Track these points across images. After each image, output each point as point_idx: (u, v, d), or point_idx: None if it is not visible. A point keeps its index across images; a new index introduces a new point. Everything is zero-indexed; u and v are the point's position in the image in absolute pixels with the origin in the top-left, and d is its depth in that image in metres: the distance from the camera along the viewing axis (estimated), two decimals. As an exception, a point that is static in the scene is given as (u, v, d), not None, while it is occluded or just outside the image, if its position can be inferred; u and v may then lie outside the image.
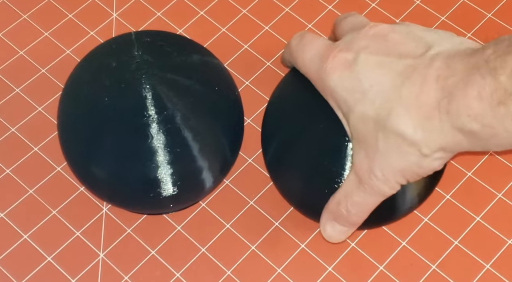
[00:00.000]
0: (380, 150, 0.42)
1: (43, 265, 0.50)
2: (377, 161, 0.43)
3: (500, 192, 0.53)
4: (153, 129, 0.45)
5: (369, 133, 0.43)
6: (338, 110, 0.45)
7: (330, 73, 0.44)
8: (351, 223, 0.47)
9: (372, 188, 0.44)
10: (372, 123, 0.42)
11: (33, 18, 0.60)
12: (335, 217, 0.47)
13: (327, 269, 0.50)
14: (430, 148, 0.41)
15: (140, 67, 0.46)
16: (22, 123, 0.55)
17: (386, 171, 0.43)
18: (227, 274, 0.50)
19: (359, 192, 0.45)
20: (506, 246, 0.51)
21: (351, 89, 0.43)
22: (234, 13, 0.60)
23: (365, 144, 0.43)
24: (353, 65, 0.43)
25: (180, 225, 0.52)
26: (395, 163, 0.42)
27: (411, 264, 0.50)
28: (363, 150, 0.43)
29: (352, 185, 0.45)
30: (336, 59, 0.44)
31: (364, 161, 0.43)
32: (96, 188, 0.48)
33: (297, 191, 0.49)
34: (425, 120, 0.40)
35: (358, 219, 0.46)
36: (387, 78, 0.42)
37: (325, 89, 0.45)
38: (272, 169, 0.50)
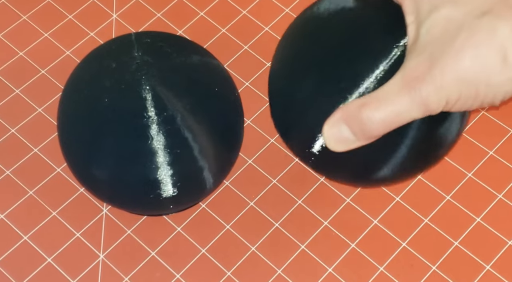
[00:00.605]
0: (454, 49, 0.37)
1: (43, 266, 0.50)
2: (444, 62, 0.37)
3: (501, 193, 0.53)
4: (153, 131, 0.45)
5: (447, 34, 0.38)
6: (411, 14, 0.40)
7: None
8: (364, 133, 0.40)
9: (418, 92, 0.38)
10: (455, 25, 0.38)
11: (33, 19, 0.60)
12: (349, 119, 0.40)
13: (327, 270, 0.50)
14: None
15: (140, 68, 0.46)
16: (22, 124, 0.55)
17: (448, 75, 0.37)
18: (227, 275, 0.50)
19: (398, 97, 0.38)
20: (507, 246, 0.51)
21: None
22: (234, 14, 0.60)
23: (435, 44, 0.38)
24: None
25: (180, 226, 0.52)
26: (466, 67, 0.37)
27: (411, 265, 0.50)
28: (427, 51, 0.38)
29: (394, 87, 0.39)
30: None
31: (423, 63, 0.38)
32: (96, 189, 0.48)
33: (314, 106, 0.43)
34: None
35: (377, 129, 0.39)
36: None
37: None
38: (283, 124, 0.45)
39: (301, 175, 0.53)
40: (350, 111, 0.40)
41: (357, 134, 0.40)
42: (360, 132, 0.40)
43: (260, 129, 0.55)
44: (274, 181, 0.53)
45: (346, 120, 0.40)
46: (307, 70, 0.43)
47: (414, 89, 0.38)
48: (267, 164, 0.54)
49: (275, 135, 0.55)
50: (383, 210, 0.52)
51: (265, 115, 0.55)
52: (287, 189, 0.53)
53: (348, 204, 0.52)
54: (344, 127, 0.40)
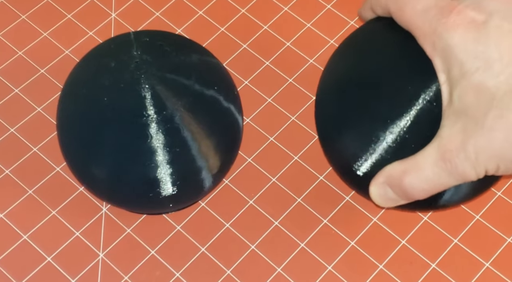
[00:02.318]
0: (485, 127, 0.37)
1: (43, 265, 0.50)
2: (476, 139, 0.38)
3: (500, 190, 0.53)
4: (152, 129, 0.45)
5: (478, 106, 0.38)
6: (443, 72, 0.40)
7: (452, 29, 0.39)
8: (407, 197, 0.42)
9: (455, 167, 0.39)
10: (488, 96, 0.37)
11: (32, 18, 0.60)
12: (393, 184, 0.42)
13: (326, 268, 0.50)
14: None
15: (139, 67, 0.46)
16: (22, 123, 0.55)
17: (483, 151, 0.38)
18: (227, 273, 0.50)
19: (436, 168, 0.39)
20: (506, 244, 0.51)
21: (473, 53, 0.38)
22: (233, 12, 0.60)
23: (468, 117, 0.38)
24: (482, 28, 0.38)
25: (179, 224, 0.52)
26: (498, 146, 0.37)
27: (410, 263, 0.50)
28: (460, 122, 0.38)
29: (430, 158, 0.39)
30: (462, 15, 0.39)
31: (457, 135, 0.38)
32: (95, 188, 0.48)
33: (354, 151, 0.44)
34: None
35: (417, 195, 0.41)
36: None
37: (436, 46, 0.40)
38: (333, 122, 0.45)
39: (301, 173, 0.53)
40: (393, 177, 0.41)
41: (400, 196, 0.42)
42: (404, 196, 0.42)
43: (260, 128, 0.55)
44: (273, 179, 0.53)
45: (390, 185, 0.42)
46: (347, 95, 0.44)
47: (450, 163, 0.39)
48: (266, 162, 0.54)
49: (274, 133, 0.55)
50: (382, 208, 0.52)
51: (264, 113, 0.56)
52: (286, 187, 0.53)
53: (347, 202, 0.52)
54: (388, 189, 0.42)
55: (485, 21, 0.38)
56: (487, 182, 0.44)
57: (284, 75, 0.57)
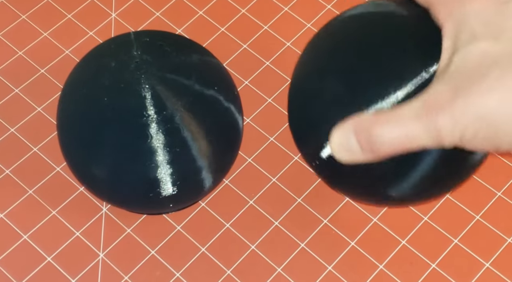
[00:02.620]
0: (483, 86, 0.36)
1: (43, 265, 0.50)
2: (468, 96, 0.36)
3: (500, 191, 0.53)
4: (152, 129, 0.45)
5: (479, 69, 0.37)
6: (450, 38, 0.39)
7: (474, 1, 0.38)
8: (371, 149, 0.38)
9: (434, 123, 0.37)
10: (491, 61, 0.37)
11: (32, 18, 0.60)
12: (360, 131, 0.38)
13: (327, 268, 0.50)
14: None
15: (139, 67, 0.46)
16: (22, 123, 0.55)
17: (469, 110, 0.36)
18: (227, 273, 0.50)
19: (414, 120, 0.37)
20: (506, 244, 0.51)
21: (489, 24, 0.38)
22: (233, 12, 0.60)
23: (465, 76, 0.37)
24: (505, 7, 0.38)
25: (180, 224, 0.52)
26: (490, 107, 0.36)
27: (411, 263, 0.50)
28: (454, 81, 0.37)
29: (412, 110, 0.37)
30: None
31: (447, 92, 0.37)
32: (95, 188, 0.48)
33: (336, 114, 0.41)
34: None
35: (384, 149, 0.38)
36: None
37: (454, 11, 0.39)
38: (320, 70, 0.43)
39: (301, 173, 0.53)
40: (362, 123, 0.38)
41: (363, 148, 0.39)
42: (367, 147, 0.38)
43: (260, 128, 0.55)
44: (273, 180, 0.53)
45: (356, 131, 0.39)
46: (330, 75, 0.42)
47: (430, 116, 0.37)
48: (266, 163, 0.54)
49: (274, 133, 0.55)
50: (382, 208, 0.52)
51: (264, 113, 0.56)
52: (286, 187, 0.53)
53: (347, 202, 0.52)
54: (352, 137, 0.39)
55: (508, 1, 0.38)
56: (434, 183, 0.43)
57: (284, 76, 0.57)
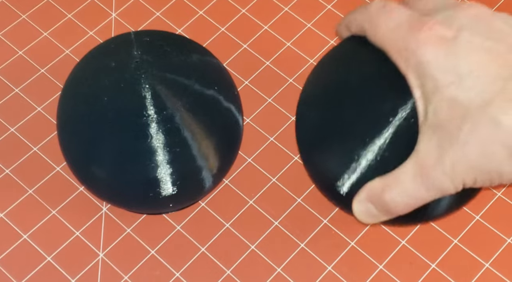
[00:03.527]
0: (460, 140, 0.38)
1: (43, 265, 0.50)
2: (452, 152, 0.38)
3: (499, 191, 0.53)
4: (152, 129, 0.45)
5: (452, 120, 0.38)
6: (417, 88, 0.40)
7: (424, 45, 0.39)
8: (388, 212, 0.42)
9: (432, 181, 0.39)
10: (460, 110, 0.38)
11: (32, 18, 0.60)
12: (374, 200, 0.42)
13: (326, 268, 0.50)
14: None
15: (139, 67, 0.46)
16: (22, 123, 0.55)
17: (458, 165, 0.38)
18: (226, 273, 0.50)
19: (414, 183, 0.40)
20: (506, 244, 0.51)
21: (445, 69, 0.39)
22: (233, 12, 0.60)
23: (443, 131, 0.39)
24: (452, 44, 0.39)
25: (179, 224, 0.52)
26: (474, 158, 0.38)
27: (410, 263, 0.50)
28: (436, 137, 0.39)
29: (409, 173, 0.40)
30: (432, 31, 0.39)
31: (434, 150, 0.39)
32: (95, 187, 0.48)
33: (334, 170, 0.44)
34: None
35: (398, 210, 0.42)
36: (493, 66, 0.38)
37: (409, 62, 0.40)
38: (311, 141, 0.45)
39: (301, 173, 0.53)
40: (374, 193, 0.42)
41: (382, 211, 0.42)
42: (385, 211, 0.42)
43: (260, 128, 0.55)
44: (273, 180, 0.53)
45: (372, 201, 0.42)
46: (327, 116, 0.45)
47: (427, 177, 0.39)
48: (266, 163, 0.54)
49: (274, 133, 0.55)
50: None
51: (264, 113, 0.56)
52: (286, 187, 0.53)
53: (347, 202, 0.52)
54: (371, 206, 0.42)
55: (455, 36, 0.39)
56: (468, 194, 0.45)
57: (284, 75, 0.57)
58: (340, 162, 0.43)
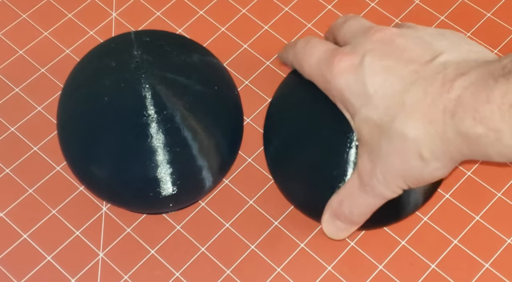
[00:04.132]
0: (382, 153, 0.42)
1: (43, 264, 0.50)
2: (379, 165, 0.43)
3: (500, 191, 0.53)
4: (152, 129, 0.45)
5: (372, 137, 0.43)
6: (346, 112, 0.45)
7: (337, 76, 0.44)
8: (352, 222, 0.47)
9: (373, 190, 0.44)
10: (376, 127, 0.42)
11: (33, 17, 0.60)
12: (337, 215, 0.46)
13: (326, 268, 0.50)
14: (432, 152, 0.41)
15: (139, 66, 0.46)
16: (22, 123, 0.55)
17: (387, 174, 0.43)
18: (226, 273, 0.50)
19: (361, 193, 0.45)
20: (506, 245, 0.51)
21: (357, 93, 0.43)
22: (234, 12, 0.60)
23: (368, 146, 0.43)
24: (359, 69, 0.43)
25: (179, 224, 0.52)
26: (397, 168, 0.42)
27: (410, 264, 0.50)
28: (366, 152, 0.44)
29: (354, 186, 0.45)
30: (341, 62, 0.44)
31: (367, 163, 0.44)
32: (95, 187, 0.48)
33: (298, 193, 0.49)
34: (428, 124, 0.40)
35: (359, 219, 0.47)
36: (391, 84, 0.42)
37: (332, 92, 0.45)
38: (274, 170, 0.50)
39: (301, 174, 0.53)
40: (334, 209, 0.46)
41: (347, 223, 0.47)
42: (349, 222, 0.47)
43: (260, 128, 0.55)
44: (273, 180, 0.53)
45: (335, 217, 0.47)
46: None
47: (369, 188, 0.44)
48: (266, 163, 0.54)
49: (274, 134, 0.55)
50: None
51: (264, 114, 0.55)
52: (286, 188, 0.53)
53: (347, 203, 0.52)
54: (335, 221, 0.47)
55: (360, 62, 0.43)
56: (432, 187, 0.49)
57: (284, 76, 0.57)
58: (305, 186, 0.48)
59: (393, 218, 0.49)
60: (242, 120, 0.50)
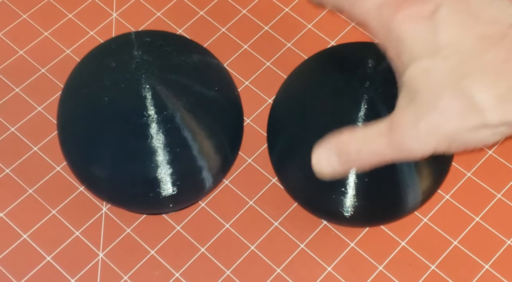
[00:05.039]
0: (438, 108, 0.38)
1: (43, 264, 0.50)
2: (429, 119, 0.39)
3: (500, 192, 0.53)
4: (152, 129, 0.45)
5: (430, 88, 0.39)
6: (397, 60, 0.41)
7: (402, 22, 0.40)
8: (349, 166, 0.43)
9: (403, 142, 0.39)
10: (438, 79, 0.39)
11: (33, 18, 0.60)
12: (339, 150, 0.42)
13: (326, 269, 0.50)
14: (500, 118, 0.38)
15: (140, 67, 0.46)
16: (22, 123, 0.55)
17: (434, 131, 0.39)
18: (226, 274, 0.50)
19: (384, 139, 0.40)
20: (506, 246, 0.51)
21: (423, 42, 0.39)
22: (234, 13, 0.60)
23: (419, 98, 0.39)
24: (432, 18, 0.39)
25: (179, 224, 0.52)
26: (450, 127, 0.38)
27: (410, 264, 0.50)
28: (413, 104, 0.39)
29: (380, 131, 0.40)
30: (411, 8, 0.40)
31: (409, 113, 0.39)
32: (95, 187, 0.48)
33: (303, 190, 0.48)
34: (506, 90, 0.38)
35: (361, 164, 0.42)
36: (470, 40, 0.39)
37: (389, 37, 0.41)
38: (278, 167, 0.49)
39: (301, 174, 0.53)
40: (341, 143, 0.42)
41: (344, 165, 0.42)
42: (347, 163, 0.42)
43: (260, 129, 0.55)
44: (273, 180, 0.53)
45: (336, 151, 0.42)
46: None
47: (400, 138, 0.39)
48: (266, 163, 0.54)
49: (274, 134, 0.55)
50: None
51: (264, 114, 0.55)
52: (286, 188, 0.53)
53: (347, 203, 0.52)
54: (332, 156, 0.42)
55: (434, 11, 0.40)
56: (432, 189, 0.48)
57: (285, 76, 0.57)
58: None
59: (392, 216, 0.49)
60: (242, 121, 0.50)
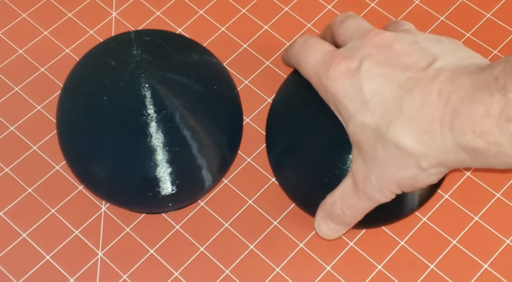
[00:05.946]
0: (377, 159, 0.42)
1: (42, 263, 0.50)
2: (374, 170, 0.43)
3: (499, 192, 0.53)
4: (152, 128, 0.45)
5: (367, 142, 0.43)
6: (339, 116, 0.45)
7: (333, 80, 0.44)
8: (345, 223, 0.47)
9: (366, 194, 0.44)
10: (371, 133, 0.42)
11: (33, 17, 0.60)
12: (330, 215, 0.47)
13: (325, 268, 0.50)
14: (429, 162, 0.41)
15: (139, 66, 0.46)
16: (21, 122, 0.55)
17: (381, 180, 0.43)
18: (225, 273, 0.50)
19: (354, 196, 0.45)
20: (504, 245, 0.51)
21: (352, 97, 0.43)
22: (234, 12, 0.60)
23: (363, 151, 0.43)
24: (355, 74, 0.43)
25: (179, 224, 0.52)
26: (391, 174, 0.43)
27: (409, 264, 0.50)
28: (361, 157, 0.44)
29: (348, 188, 0.45)
30: (339, 66, 0.44)
31: (361, 167, 0.44)
32: (95, 186, 0.48)
33: (300, 191, 0.49)
34: (425, 134, 0.40)
35: (352, 220, 0.47)
36: (388, 90, 0.42)
37: (327, 95, 0.45)
38: (276, 168, 0.50)
39: (300, 173, 0.53)
40: (327, 209, 0.47)
41: (340, 224, 0.47)
42: (341, 223, 0.47)
43: (259, 128, 0.55)
44: (273, 179, 0.53)
45: (328, 217, 0.47)
46: None
47: (363, 192, 0.44)
48: (266, 162, 0.54)
49: (274, 133, 0.55)
50: None
51: (264, 113, 0.55)
52: (285, 187, 0.53)
53: (346, 203, 0.52)
54: (328, 221, 0.47)
55: (357, 67, 0.43)
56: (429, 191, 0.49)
57: (284, 76, 0.57)
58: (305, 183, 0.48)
59: (392, 217, 0.49)
60: (241, 120, 0.50)
